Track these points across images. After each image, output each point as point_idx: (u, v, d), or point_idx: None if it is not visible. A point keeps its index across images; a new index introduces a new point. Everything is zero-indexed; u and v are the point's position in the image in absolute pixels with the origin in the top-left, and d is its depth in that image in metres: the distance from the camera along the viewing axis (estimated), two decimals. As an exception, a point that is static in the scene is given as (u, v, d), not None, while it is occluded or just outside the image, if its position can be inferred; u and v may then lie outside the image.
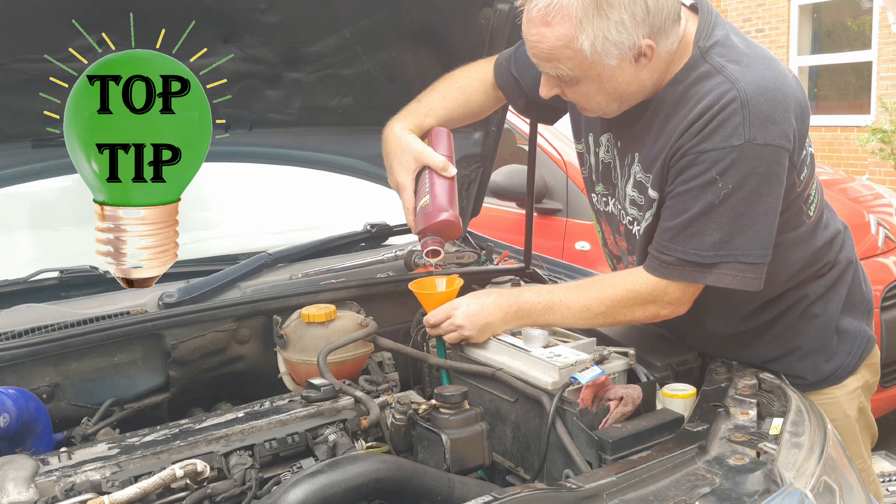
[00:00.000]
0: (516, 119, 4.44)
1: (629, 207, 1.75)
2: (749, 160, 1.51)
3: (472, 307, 1.74)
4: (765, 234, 1.57)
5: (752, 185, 1.53)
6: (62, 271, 2.09)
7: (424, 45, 2.15)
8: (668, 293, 1.65)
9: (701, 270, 1.59)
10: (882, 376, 3.53)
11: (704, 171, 1.54)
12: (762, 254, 1.58)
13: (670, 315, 1.68)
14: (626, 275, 1.72)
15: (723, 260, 1.57)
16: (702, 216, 1.56)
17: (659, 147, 1.62)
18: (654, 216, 1.68)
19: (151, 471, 1.37)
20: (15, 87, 1.74)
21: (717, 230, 1.56)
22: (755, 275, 1.59)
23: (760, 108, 1.51)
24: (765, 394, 1.63)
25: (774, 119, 1.51)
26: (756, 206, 1.55)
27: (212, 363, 1.92)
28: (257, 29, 1.88)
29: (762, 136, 1.51)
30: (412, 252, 2.43)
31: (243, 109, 2.08)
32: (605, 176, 1.83)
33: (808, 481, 1.34)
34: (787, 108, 1.53)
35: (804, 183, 1.68)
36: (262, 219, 2.80)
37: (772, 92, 1.52)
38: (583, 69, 1.53)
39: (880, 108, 8.57)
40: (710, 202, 1.55)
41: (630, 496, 1.25)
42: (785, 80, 1.56)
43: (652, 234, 1.69)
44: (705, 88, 1.55)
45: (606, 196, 1.85)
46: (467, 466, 1.52)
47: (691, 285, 1.63)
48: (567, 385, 1.53)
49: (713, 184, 1.54)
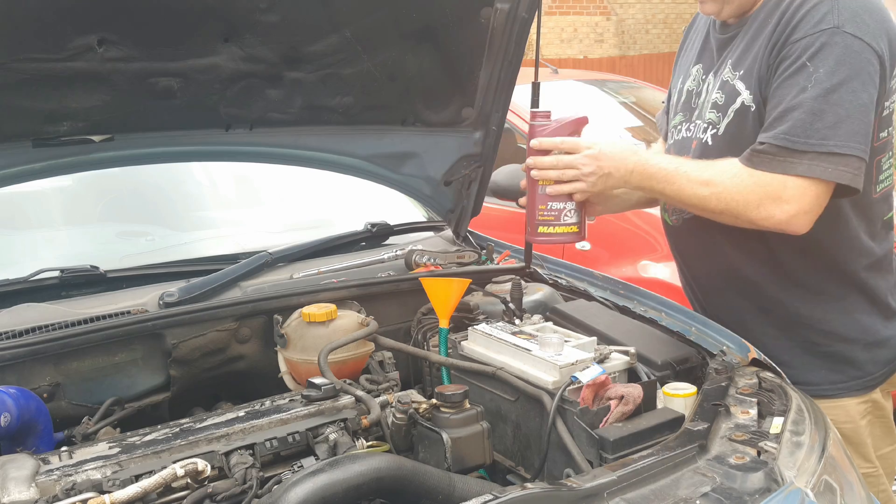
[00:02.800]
0: (516, 119, 4.44)
1: (707, 113, 1.77)
2: (838, 46, 1.54)
3: (607, 148, 1.70)
4: (860, 128, 1.55)
5: (843, 74, 1.54)
6: (62, 271, 2.09)
7: (424, 45, 2.15)
8: (786, 188, 1.58)
9: (793, 158, 1.56)
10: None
11: (796, 59, 1.58)
12: (857, 147, 1.55)
13: (786, 223, 1.59)
14: (746, 165, 1.65)
15: (813, 148, 1.55)
16: (794, 101, 1.57)
17: (754, 46, 1.66)
18: (737, 114, 1.69)
19: (152, 470, 1.37)
20: (15, 87, 1.73)
21: (808, 115, 1.55)
22: (849, 168, 1.55)
23: (851, 4, 1.55)
24: (765, 393, 1.63)
25: (864, 18, 1.55)
26: (850, 97, 1.54)
27: (212, 362, 1.92)
28: (258, 28, 1.88)
29: (851, 27, 1.54)
30: (412, 252, 2.43)
31: (244, 109, 2.08)
32: (685, 105, 1.89)
33: (809, 480, 1.34)
34: (881, 19, 1.58)
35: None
36: (262, 219, 2.80)
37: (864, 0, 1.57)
38: None
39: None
40: (801, 87, 1.56)
41: (631, 495, 1.25)
42: (882, 5, 1.60)
43: (733, 135, 1.70)
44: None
45: (681, 125, 1.89)
46: (468, 465, 1.52)
47: (811, 186, 1.56)
48: (568, 384, 1.53)
49: (804, 69, 1.56)
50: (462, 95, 2.34)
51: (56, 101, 1.81)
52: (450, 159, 2.47)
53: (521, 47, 2.23)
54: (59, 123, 1.87)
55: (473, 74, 2.28)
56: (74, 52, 1.72)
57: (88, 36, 1.71)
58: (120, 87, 1.84)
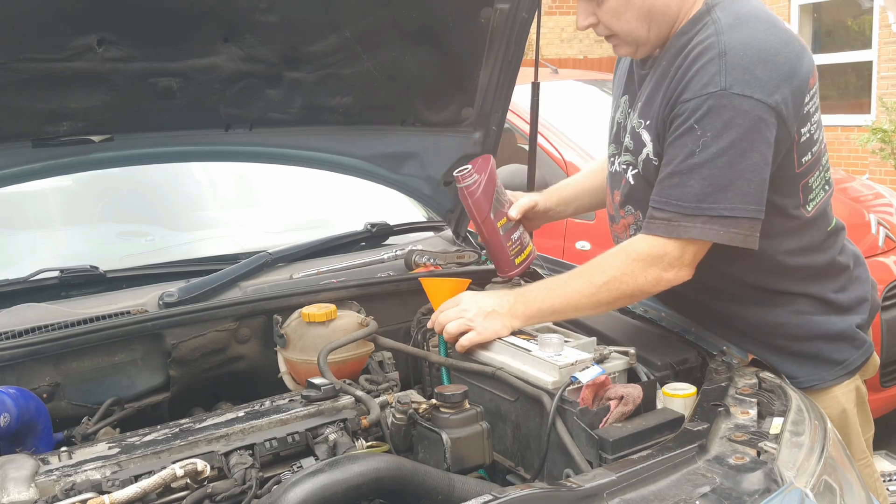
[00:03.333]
0: (516, 119, 4.44)
1: (625, 155, 1.79)
2: (726, 109, 1.52)
3: (478, 297, 1.75)
4: (751, 189, 1.56)
5: (732, 137, 1.53)
6: (62, 271, 2.09)
7: (424, 45, 2.15)
8: (666, 253, 1.62)
9: (685, 223, 1.58)
10: (882, 376, 3.56)
11: (685, 121, 1.57)
12: (748, 208, 1.56)
13: (674, 280, 1.65)
14: (626, 242, 1.73)
15: (705, 213, 1.56)
16: (683, 165, 1.57)
17: (658, 95, 1.66)
18: (644, 163, 1.70)
19: (152, 470, 1.37)
20: (15, 87, 1.73)
21: (698, 181, 1.55)
22: (741, 230, 1.57)
23: (739, 60, 1.53)
24: (765, 393, 1.63)
25: (754, 73, 1.52)
26: (739, 159, 1.54)
27: (212, 363, 1.92)
28: (257, 28, 1.88)
29: (740, 86, 1.52)
30: (412, 252, 2.43)
31: (243, 109, 2.08)
32: (616, 136, 1.88)
33: (809, 480, 1.34)
34: (774, 67, 1.54)
35: (806, 168, 1.67)
36: (262, 219, 2.80)
37: (757, 50, 1.54)
38: None
39: (881, 107, 8.56)
40: (690, 150, 1.56)
41: (630, 495, 1.25)
42: (784, 45, 1.57)
43: (645, 182, 1.71)
44: (698, 38, 1.59)
45: (615, 156, 1.89)
46: (467, 466, 1.52)
47: (689, 245, 1.61)
48: (567, 384, 1.53)
49: (692, 132, 1.55)
50: (462, 95, 2.34)
51: (56, 101, 1.81)
52: (450, 159, 2.47)
53: (521, 47, 2.23)
54: (59, 123, 1.87)
55: (473, 74, 2.28)
56: (74, 52, 1.72)
57: (88, 36, 1.71)
58: (120, 87, 1.84)
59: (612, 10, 1.66)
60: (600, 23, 1.70)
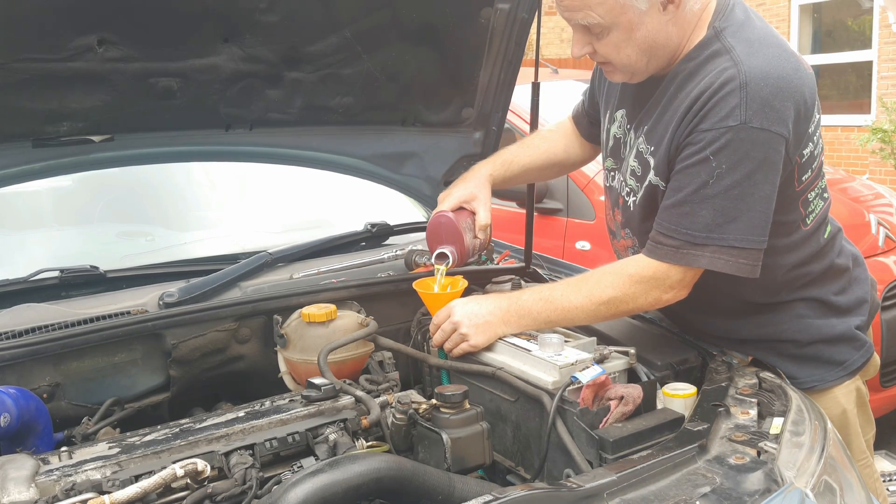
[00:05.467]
0: (516, 119, 4.44)
1: (629, 178, 1.77)
2: (744, 143, 1.52)
3: (470, 306, 1.74)
4: (760, 220, 1.56)
5: (747, 169, 1.53)
6: (62, 271, 2.09)
7: (424, 45, 2.15)
8: (668, 276, 1.63)
9: (694, 252, 1.58)
10: (882, 376, 3.56)
11: (700, 150, 1.55)
12: (757, 239, 1.57)
13: (673, 300, 1.67)
14: (627, 261, 1.72)
15: (714, 242, 1.56)
16: (695, 195, 1.56)
17: (665, 121, 1.64)
18: (648, 189, 1.69)
19: (152, 470, 1.37)
20: (15, 87, 1.74)
21: (710, 211, 1.56)
22: (748, 261, 1.58)
23: (760, 91, 1.52)
24: (765, 393, 1.63)
25: (773, 105, 1.52)
26: (751, 191, 1.54)
27: (212, 363, 1.92)
28: (257, 28, 1.88)
29: (759, 120, 1.51)
30: (412, 252, 2.43)
31: (243, 109, 2.08)
32: (614, 151, 1.86)
33: (809, 481, 1.34)
34: (789, 97, 1.54)
35: (805, 185, 1.68)
36: (262, 219, 2.80)
37: (775, 79, 1.53)
38: (614, 14, 1.56)
39: (881, 107, 8.56)
40: (703, 181, 1.55)
41: (630, 496, 1.25)
42: (795, 73, 1.56)
43: (646, 208, 1.70)
44: (712, 67, 1.57)
45: (614, 171, 1.87)
46: (468, 466, 1.52)
47: (690, 269, 1.62)
48: (568, 384, 1.53)
49: (707, 163, 1.54)
50: (462, 95, 2.34)
51: (56, 101, 1.81)
52: (450, 159, 2.47)
53: (521, 47, 2.23)
54: (59, 123, 1.87)
55: (473, 74, 2.28)
56: (74, 52, 1.72)
57: (88, 36, 1.71)
58: (120, 87, 1.84)
59: (611, 43, 1.63)
60: (597, 52, 1.67)
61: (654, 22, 1.58)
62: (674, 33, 1.61)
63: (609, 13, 1.56)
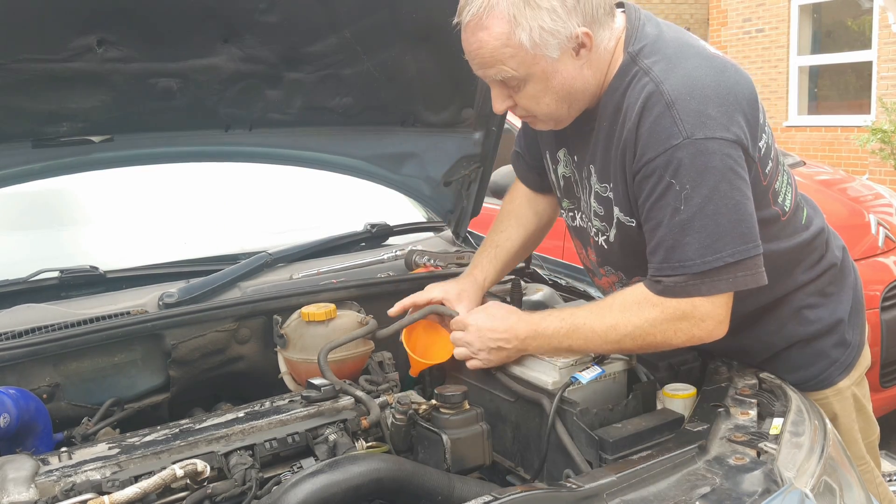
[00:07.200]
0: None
1: (594, 219, 1.73)
2: (698, 156, 1.47)
3: (485, 322, 1.68)
4: (743, 227, 1.52)
5: (711, 182, 1.48)
6: (62, 271, 2.09)
7: (424, 45, 2.15)
8: (696, 308, 1.55)
9: (695, 281, 1.52)
10: (882, 376, 3.55)
11: (659, 179, 1.50)
12: (747, 248, 1.52)
13: (707, 337, 1.57)
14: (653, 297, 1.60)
15: (709, 265, 1.50)
16: (672, 224, 1.51)
17: (612, 157, 1.60)
18: (618, 226, 1.66)
19: (152, 471, 1.37)
20: (15, 88, 1.73)
21: (694, 236, 1.50)
22: (748, 271, 1.53)
23: (689, 104, 1.48)
24: (765, 394, 1.63)
25: (708, 113, 1.48)
26: (725, 202, 1.49)
27: (212, 363, 1.92)
28: (257, 29, 1.88)
29: (701, 131, 1.47)
30: (412, 252, 2.43)
31: (243, 109, 2.08)
32: (567, 191, 1.82)
33: (809, 481, 1.34)
34: (722, 101, 1.50)
35: (770, 176, 1.64)
36: (262, 219, 2.80)
37: (701, 88, 1.49)
38: (527, 66, 1.53)
39: (880, 108, 8.57)
40: (674, 207, 1.50)
41: (630, 496, 1.25)
42: (721, 74, 1.52)
43: (624, 244, 1.66)
44: (636, 94, 1.53)
45: (573, 211, 1.83)
46: (467, 466, 1.52)
47: (717, 298, 1.54)
48: (567, 385, 1.53)
49: (671, 188, 1.49)
50: (462, 96, 2.34)
51: (56, 101, 1.81)
52: (450, 160, 2.47)
53: (522, 47, 2.22)
54: (59, 124, 1.87)
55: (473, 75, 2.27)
56: (74, 52, 1.72)
57: (88, 36, 1.71)
58: (120, 87, 1.84)
59: (529, 95, 1.59)
60: (518, 106, 1.64)
61: (568, 68, 1.54)
62: (590, 76, 1.57)
63: (522, 65, 1.53)
